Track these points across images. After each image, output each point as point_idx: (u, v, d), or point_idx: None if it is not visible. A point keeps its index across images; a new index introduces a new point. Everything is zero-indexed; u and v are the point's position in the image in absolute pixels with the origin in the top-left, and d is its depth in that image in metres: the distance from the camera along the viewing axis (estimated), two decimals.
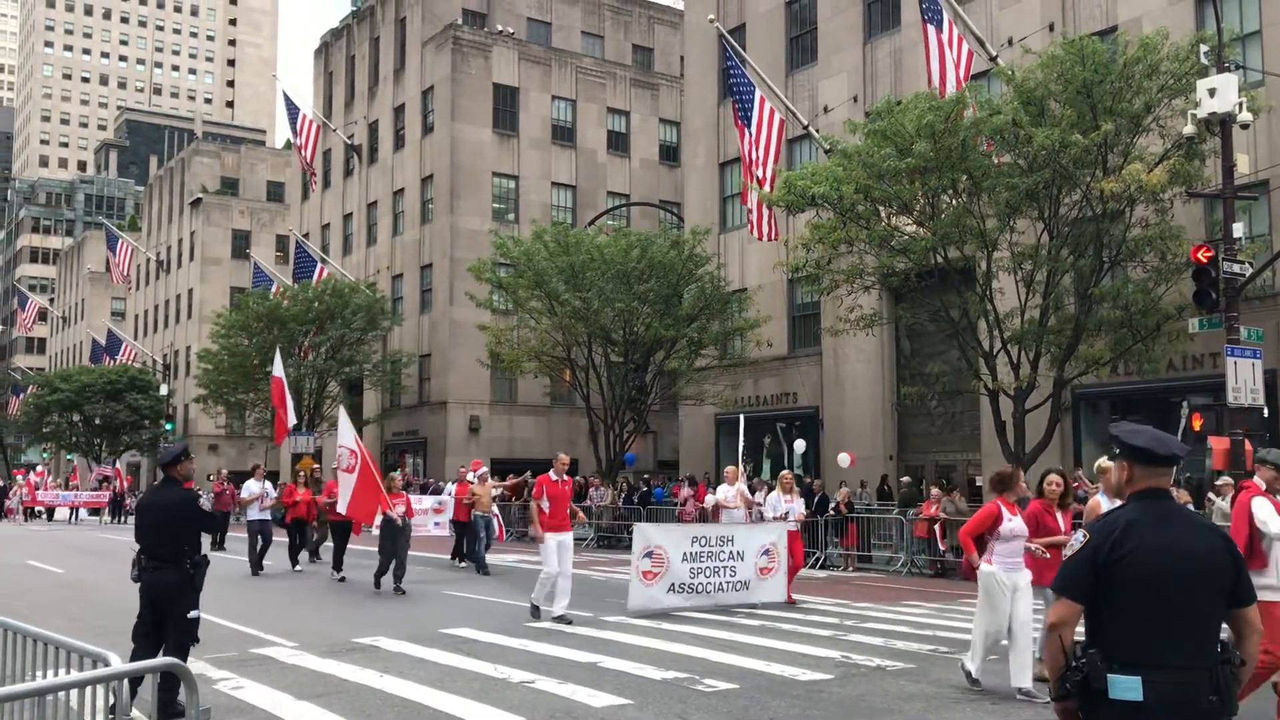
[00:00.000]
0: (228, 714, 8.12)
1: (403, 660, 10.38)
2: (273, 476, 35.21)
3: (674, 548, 14.37)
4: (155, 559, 8.01)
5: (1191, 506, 17.52)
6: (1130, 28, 23.41)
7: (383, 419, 47.45)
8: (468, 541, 21.71)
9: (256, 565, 19.91)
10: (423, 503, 20.69)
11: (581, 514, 17.00)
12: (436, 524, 20.67)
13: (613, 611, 14.05)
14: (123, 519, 46.30)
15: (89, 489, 51.37)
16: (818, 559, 22.27)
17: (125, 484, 50.98)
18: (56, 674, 5.33)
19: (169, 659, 4.84)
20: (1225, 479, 17.68)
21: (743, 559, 14.84)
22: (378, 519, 17.09)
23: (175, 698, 7.41)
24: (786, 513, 15.96)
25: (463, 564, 21.65)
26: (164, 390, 61.71)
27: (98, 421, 62.10)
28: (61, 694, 4.95)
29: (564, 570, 13.19)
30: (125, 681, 4.71)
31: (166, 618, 7.97)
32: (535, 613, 13.38)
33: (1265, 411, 18.88)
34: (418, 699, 8.59)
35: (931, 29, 23.74)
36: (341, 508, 17.40)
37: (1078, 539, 3.76)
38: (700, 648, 11.07)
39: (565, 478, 13.70)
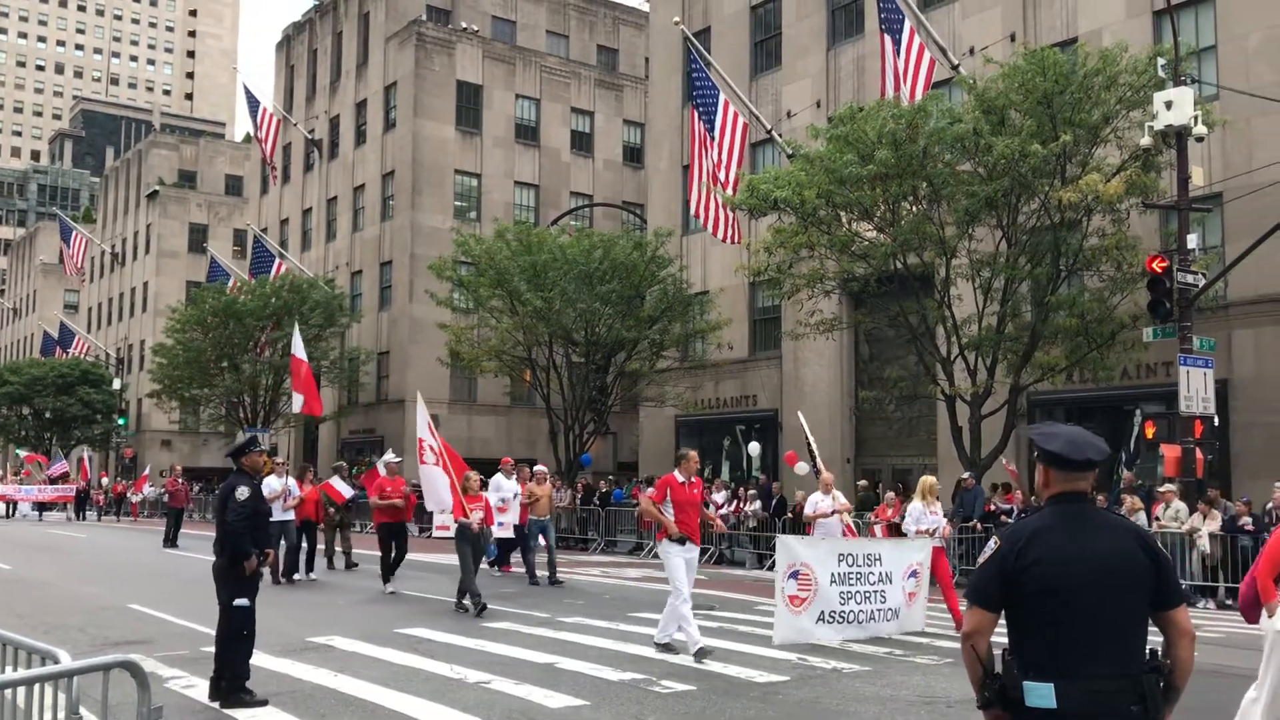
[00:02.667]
0: (179, 713, 8.01)
1: (357, 660, 10.29)
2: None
3: (820, 566, 12.05)
4: (215, 545, 8.66)
5: (1143, 514, 17.80)
6: (1090, 39, 23.71)
7: (339, 417, 47.07)
8: (512, 548, 19.63)
9: (286, 572, 17.80)
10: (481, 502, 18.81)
11: (720, 523, 13.39)
12: (500, 525, 17.98)
13: (570, 613, 14.02)
14: (86, 515, 44.87)
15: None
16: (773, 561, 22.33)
17: (95, 477, 49.27)
18: (4, 672, 5.23)
19: (120, 656, 4.76)
20: (1168, 487, 17.96)
21: (891, 581, 12.65)
22: (446, 524, 15.10)
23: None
24: (933, 528, 13.48)
25: (524, 573, 18.88)
26: (117, 384, 60.86)
27: (48, 415, 61.13)
28: (8, 692, 4.85)
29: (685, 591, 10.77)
30: (72, 680, 4.63)
31: (221, 604, 8.50)
32: (701, 655, 10.35)
33: (1216, 420, 19.18)
34: (373, 699, 8.52)
35: (889, 40, 23.93)
36: (431, 504, 15.37)
37: (990, 546, 3.72)
38: (657, 649, 11.06)
39: (694, 479, 11.23)
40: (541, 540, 18.63)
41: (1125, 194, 19.58)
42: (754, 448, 30.99)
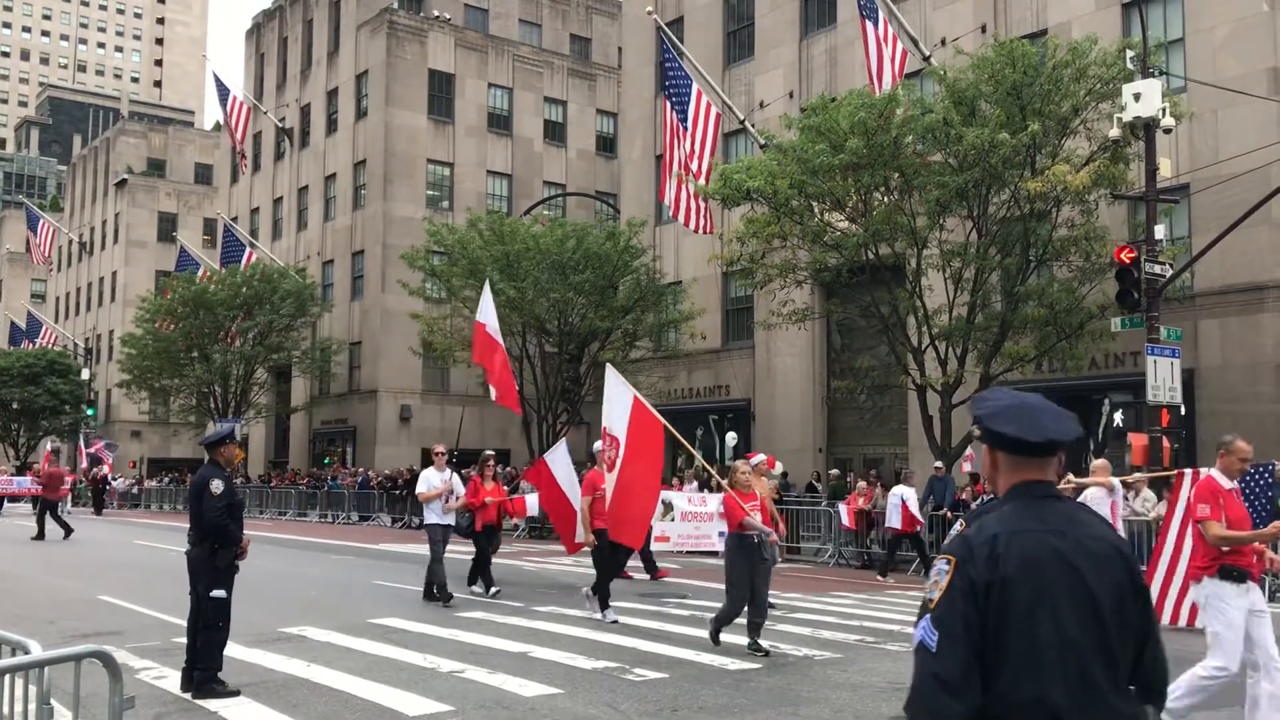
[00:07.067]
0: (151, 704, 7.99)
1: (330, 650, 10.29)
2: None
3: None
4: (190, 535, 8.62)
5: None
6: (1060, 31, 23.88)
7: (311, 407, 46.85)
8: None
9: (440, 589, 13.98)
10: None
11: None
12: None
13: (544, 602, 14.06)
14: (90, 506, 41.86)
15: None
16: None
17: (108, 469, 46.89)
18: None
19: (92, 646, 4.75)
20: (1138, 475, 18.15)
21: None
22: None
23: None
24: None
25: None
26: (85, 375, 60.29)
27: (15, 406, 60.48)
28: None
29: (1271, 661, 6.76)
30: (43, 670, 4.61)
31: (196, 594, 8.45)
32: None
33: (1182, 409, 19.40)
34: (346, 689, 8.52)
35: (869, 25, 24.03)
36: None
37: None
38: (631, 637, 11.11)
39: (1234, 485, 7.44)
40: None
41: (1093, 185, 19.76)
42: (731, 437, 31.20)
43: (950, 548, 2.77)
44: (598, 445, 13.22)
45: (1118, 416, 22.58)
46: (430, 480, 14.46)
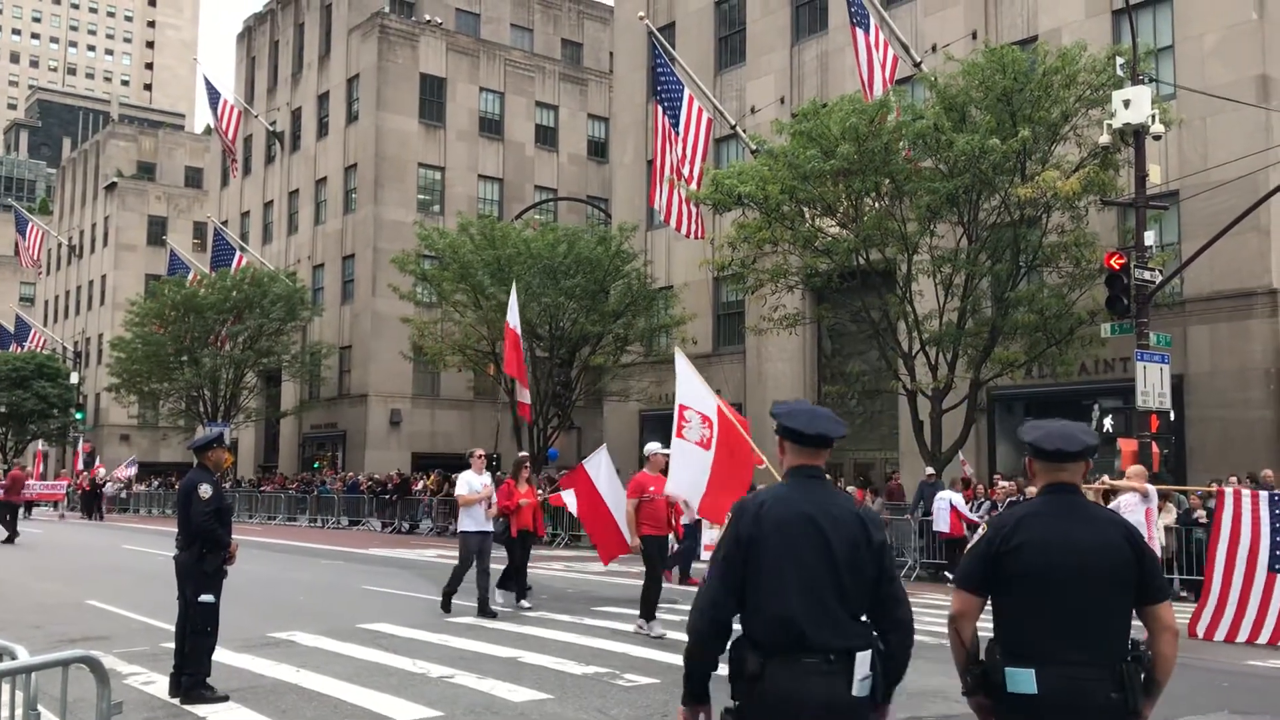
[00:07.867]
0: (139, 709, 7.95)
1: (319, 655, 10.25)
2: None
3: None
4: (178, 540, 8.54)
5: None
6: (1050, 38, 23.96)
7: (301, 411, 46.74)
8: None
9: (446, 597, 13.39)
10: None
11: None
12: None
13: (534, 607, 14.02)
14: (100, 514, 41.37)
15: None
16: None
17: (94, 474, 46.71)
18: None
19: (80, 652, 4.72)
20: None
21: None
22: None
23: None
24: None
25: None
26: (74, 378, 60.06)
27: (3, 410, 60.22)
28: None
29: None
30: (30, 676, 4.58)
31: (184, 599, 8.40)
32: None
33: (1171, 415, 19.45)
34: (335, 694, 8.49)
35: (860, 32, 24.09)
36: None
37: (980, 533, 3.79)
38: (621, 643, 11.09)
39: None
40: None
41: (1083, 191, 19.81)
42: None
43: (733, 509, 3.73)
44: (650, 447, 12.57)
45: (1107, 422, 22.65)
46: (471, 483, 13.40)
